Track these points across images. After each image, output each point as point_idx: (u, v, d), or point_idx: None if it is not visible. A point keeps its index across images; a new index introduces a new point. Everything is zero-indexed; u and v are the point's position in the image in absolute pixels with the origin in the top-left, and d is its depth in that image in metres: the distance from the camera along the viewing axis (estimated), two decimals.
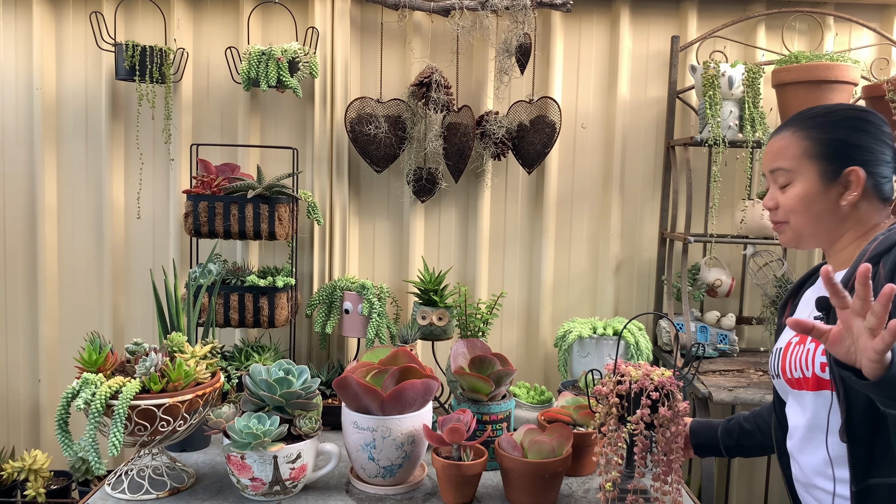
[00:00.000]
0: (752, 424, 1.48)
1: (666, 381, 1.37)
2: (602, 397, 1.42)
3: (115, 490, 1.54)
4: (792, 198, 1.23)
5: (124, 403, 1.41)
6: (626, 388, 1.38)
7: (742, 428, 1.49)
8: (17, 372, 2.45)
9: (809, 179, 1.21)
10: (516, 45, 2.23)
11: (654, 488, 1.37)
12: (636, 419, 1.34)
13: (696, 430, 1.53)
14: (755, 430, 1.47)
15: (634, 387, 1.38)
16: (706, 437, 1.52)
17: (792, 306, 1.37)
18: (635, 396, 1.37)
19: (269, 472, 1.49)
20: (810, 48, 2.42)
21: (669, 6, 2.43)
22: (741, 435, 1.49)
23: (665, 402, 1.35)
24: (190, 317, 1.81)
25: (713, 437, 1.51)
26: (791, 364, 1.22)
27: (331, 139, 2.36)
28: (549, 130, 2.30)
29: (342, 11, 2.34)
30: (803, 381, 1.19)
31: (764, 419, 1.46)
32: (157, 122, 2.38)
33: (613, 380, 1.42)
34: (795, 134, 1.24)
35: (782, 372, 1.25)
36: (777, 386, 1.31)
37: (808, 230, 1.23)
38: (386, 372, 1.59)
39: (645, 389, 1.36)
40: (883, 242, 1.13)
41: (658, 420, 1.35)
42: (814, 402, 1.18)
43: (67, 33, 2.37)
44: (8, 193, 2.41)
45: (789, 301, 1.39)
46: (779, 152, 1.25)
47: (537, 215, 2.46)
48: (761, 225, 2.24)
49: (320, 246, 2.40)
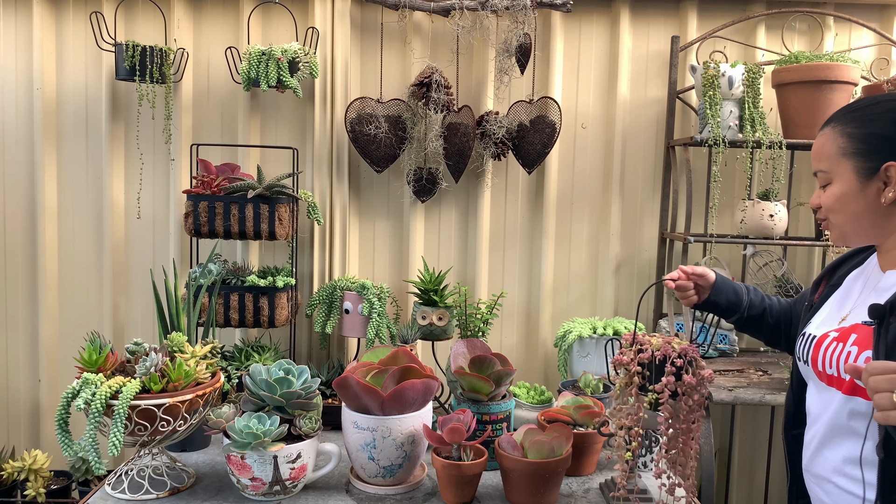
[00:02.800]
0: (774, 320, 1.49)
1: (688, 349, 1.36)
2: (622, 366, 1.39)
3: (115, 490, 1.54)
4: (830, 197, 1.21)
5: (124, 403, 1.41)
6: (649, 356, 1.36)
7: (763, 319, 1.50)
8: (17, 372, 2.45)
9: (846, 178, 1.18)
10: (516, 45, 2.23)
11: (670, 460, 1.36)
12: (661, 387, 1.32)
13: (720, 287, 1.50)
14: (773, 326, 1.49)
15: (658, 354, 1.35)
16: (728, 300, 1.50)
17: (827, 286, 1.33)
18: (658, 365, 1.35)
19: (269, 472, 1.49)
20: (810, 48, 2.42)
21: (669, 6, 2.43)
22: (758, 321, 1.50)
23: (689, 370, 1.34)
24: (190, 317, 1.81)
25: (736, 303, 1.50)
26: (826, 359, 1.19)
27: (331, 139, 2.36)
28: (549, 130, 2.30)
29: (342, 11, 2.34)
30: (836, 381, 1.16)
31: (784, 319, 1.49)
32: (157, 122, 2.38)
33: (634, 349, 1.38)
34: (834, 131, 1.21)
35: (812, 362, 1.22)
36: (801, 369, 1.29)
37: (850, 229, 1.21)
38: (386, 372, 1.59)
39: (669, 357, 1.34)
40: None
41: (682, 388, 1.33)
42: (843, 404, 1.15)
43: (67, 33, 2.37)
44: (8, 193, 2.41)
45: (824, 280, 1.36)
46: (818, 153, 1.23)
47: (537, 215, 2.46)
48: (761, 225, 2.24)
49: (320, 246, 2.40)
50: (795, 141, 2.20)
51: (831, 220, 1.23)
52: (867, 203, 1.17)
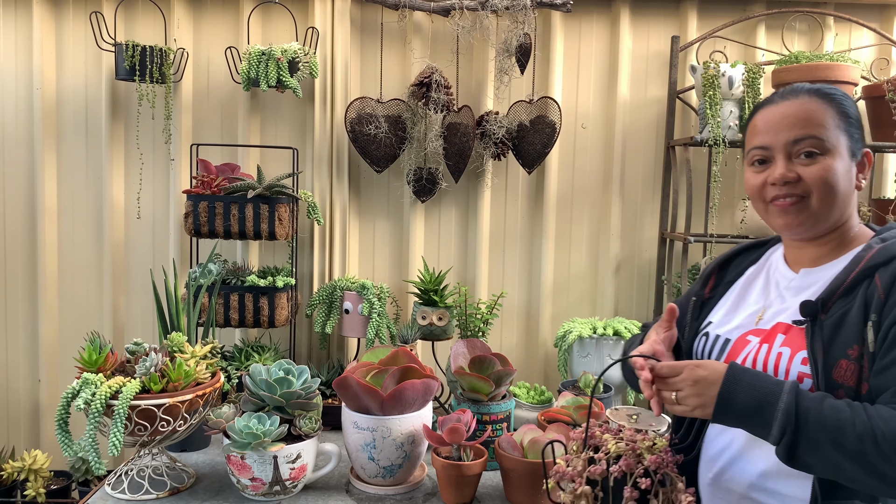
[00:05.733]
0: None
1: (661, 460, 1.01)
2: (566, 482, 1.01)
3: (115, 490, 1.54)
4: (825, 170, 1.07)
5: (124, 403, 1.41)
6: (602, 470, 1.00)
7: None
8: (17, 372, 2.45)
9: (842, 153, 1.09)
10: (516, 45, 2.23)
11: None
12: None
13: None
14: None
15: (615, 470, 0.99)
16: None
17: (718, 281, 1.28)
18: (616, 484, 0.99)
19: (269, 472, 1.49)
20: (810, 48, 2.42)
21: (669, 6, 2.43)
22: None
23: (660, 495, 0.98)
24: (190, 317, 1.81)
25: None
26: (751, 364, 1.11)
27: (331, 139, 2.36)
28: (549, 130, 2.30)
29: (342, 11, 2.34)
30: None
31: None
32: (157, 122, 2.38)
33: (584, 456, 1.02)
34: (817, 102, 1.10)
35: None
36: None
37: (824, 213, 1.09)
38: (386, 372, 1.59)
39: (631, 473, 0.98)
40: (881, 253, 1.05)
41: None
42: None
43: (67, 33, 2.37)
44: (8, 193, 2.41)
45: (713, 274, 1.29)
46: (809, 118, 1.09)
47: (537, 215, 2.46)
48: (761, 225, 2.24)
49: (320, 246, 2.40)
50: None
51: (812, 199, 1.09)
52: (849, 186, 1.10)
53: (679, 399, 1.04)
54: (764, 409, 0.98)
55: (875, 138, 2.29)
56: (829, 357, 1.03)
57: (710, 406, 1.01)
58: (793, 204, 1.10)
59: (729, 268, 1.30)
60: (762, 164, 1.14)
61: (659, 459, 1.02)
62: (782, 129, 1.10)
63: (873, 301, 1.02)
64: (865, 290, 1.04)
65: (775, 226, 1.15)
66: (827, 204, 1.09)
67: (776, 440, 0.98)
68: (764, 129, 1.13)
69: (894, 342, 0.99)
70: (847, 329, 1.03)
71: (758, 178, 1.14)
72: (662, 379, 1.05)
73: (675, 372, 1.04)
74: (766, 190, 1.13)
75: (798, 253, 1.17)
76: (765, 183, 1.13)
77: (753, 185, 1.15)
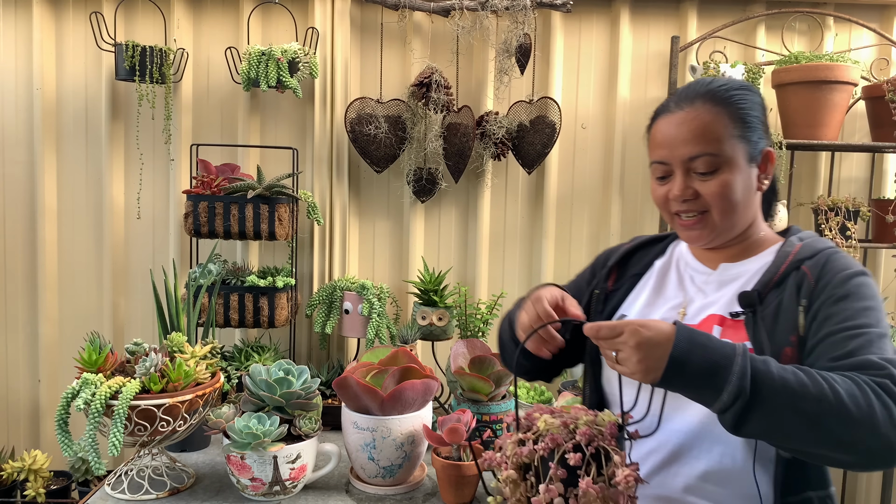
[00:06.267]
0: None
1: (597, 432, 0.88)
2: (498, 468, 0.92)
3: (115, 490, 1.54)
4: (720, 185, 1.07)
5: (124, 403, 1.41)
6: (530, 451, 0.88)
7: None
8: (17, 372, 2.45)
9: (738, 163, 1.08)
10: (516, 45, 2.23)
11: None
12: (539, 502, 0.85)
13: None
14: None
15: (542, 447, 0.87)
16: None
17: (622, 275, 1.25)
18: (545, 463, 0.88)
19: (269, 472, 1.49)
20: (810, 48, 2.42)
21: (669, 6, 2.43)
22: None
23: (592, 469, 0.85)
24: (190, 317, 1.81)
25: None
26: None
27: (331, 139, 2.36)
28: (549, 131, 2.30)
29: (342, 12, 2.34)
30: None
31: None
32: (157, 123, 2.38)
33: (513, 438, 0.92)
34: (710, 110, 1.08)
35: None
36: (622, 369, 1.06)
37: (726, 224, 1.10)
38: (386, 372, 1.59)
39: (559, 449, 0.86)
40: (805, 249, 1.08)
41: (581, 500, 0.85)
42: None
43: (67, 33, 2.37)
44: (8, 193, 2.41)
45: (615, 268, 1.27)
46: (703, 133, 1.07)
47: (537, 215, 2.46)
48: None
49: (320, 246, 2.40)
50: (795, 141, 2.20)
51: (712, 214, 1.09)
52: (750, 193, 1.10)
53: (620, 360, 0.94)
54: (717, 373, 0.90)
55: (875, 138, 2.29)
56: (775, 345, 1.03)
57: (657, 370, 0.91)
58: (695, 221, 1.11)
59: (631, 261, 1.29)
60: (663, 178, 1.15)
61: (589, 432, 0.88)
62: (678, 144, 1.09)
63: (804, 287, 1.04)
64: (796, 280, 1.06)
65: (681, 237, 1.17)
66: (727, 217, 1.10)
67: (726, 406, 0.90)
68: (662, 143, 1.13)
69: (823, 322, 1.00)
70: (784, 317, 1.04)
71: (660, 191, 1.16)
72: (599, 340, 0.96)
73: (615, 332, 0.94)
74: (670, 203, 1.14)
75: (708, 254, 1.18)
76: (667, 196, 1.14)
77: (658, 196, 1.17)
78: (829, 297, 1.02)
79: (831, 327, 0.99)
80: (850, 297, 1.00)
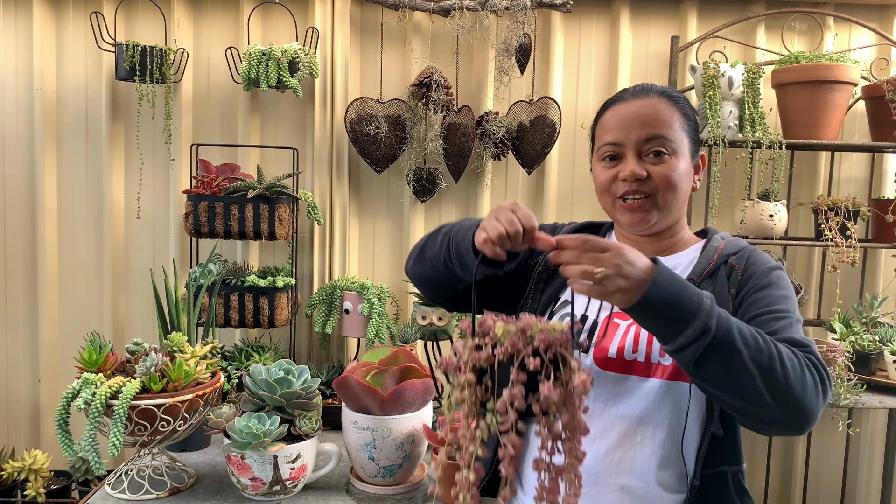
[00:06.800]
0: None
1: (554, 339, 0.88)
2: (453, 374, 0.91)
3: (115, 490, 1.54)
4: (671, 170, 1.13)
5: (124, 403, 1.41)
6: (488, 355, 0.88)
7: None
8: (17, 372, 2.45)
9: (686, 155, 1.16)
10: (516, 45, 2.23)
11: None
12: (502, 405, 0.86)
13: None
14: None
15: (501, 352, 0.87)
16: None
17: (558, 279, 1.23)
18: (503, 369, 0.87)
19: (269, 472, 1.49)
20: (810, 48, 2.42)
21: (669, 6, 2.43)
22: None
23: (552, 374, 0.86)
24: (190, 317, 1.81)
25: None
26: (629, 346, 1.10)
27: (331, 139, 2.36)
28: (549, 130, 2.30)
29: (342, 11, 2.34)
30: (644, 368, 1.09)
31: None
32: (157, 122, 2.38)
33: (469, 344, 0.91)
34: (664, 104, 1.15)
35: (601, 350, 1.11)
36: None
37: (667, 210, 1.16)
38: (386, 372, 1.59)
39: (518, 354, 0.87)
40: (730, 245, 1.17)
41: (543, 404, 0.86)
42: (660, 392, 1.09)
43: (67, 33, 2.37)
44: (8, 193, 2.41)
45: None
46: (659, 119, 1.14)
47: (537, 215, 2.45)
48: (761, 225, 2.24)
49: (320, 246, 2.40)
50: (795, 141, 2.20)
51: (658, 197, 1.14)
52: (688, 186, 1.19)
53: (602, 277, 0.91)
54: (688, 307, 0.92)
55: (875, 138, 2.29)
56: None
57: (634, 292, 0.91)
58: (641, 203, 1.15)
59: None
60: (612, 159, 1.17)
61: (548, 337, 0.87)
62: (634, 127, 1.14)
63: (732, 278, 1.13)
64: (725, 272, 1.14)
65: (621, 221, 1.20)
66: (669, 202, 1.15)
67: (689, 340, 0.92)
68: (616, 126, 1.17)
69: (749, 306, 1.09)
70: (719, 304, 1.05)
71: (608, 174, 1.17)
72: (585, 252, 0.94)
73: (602, 248, 0.93)
74: (616, 185, 1.16)
75: (641, 246, 1.19)
76: (615, 178, 1.16)
77: (603, 180, 1.18)
78: (754, 285, 1.11)
79: (757, 310, 1.08)
80: (773, 286, 1.10)
